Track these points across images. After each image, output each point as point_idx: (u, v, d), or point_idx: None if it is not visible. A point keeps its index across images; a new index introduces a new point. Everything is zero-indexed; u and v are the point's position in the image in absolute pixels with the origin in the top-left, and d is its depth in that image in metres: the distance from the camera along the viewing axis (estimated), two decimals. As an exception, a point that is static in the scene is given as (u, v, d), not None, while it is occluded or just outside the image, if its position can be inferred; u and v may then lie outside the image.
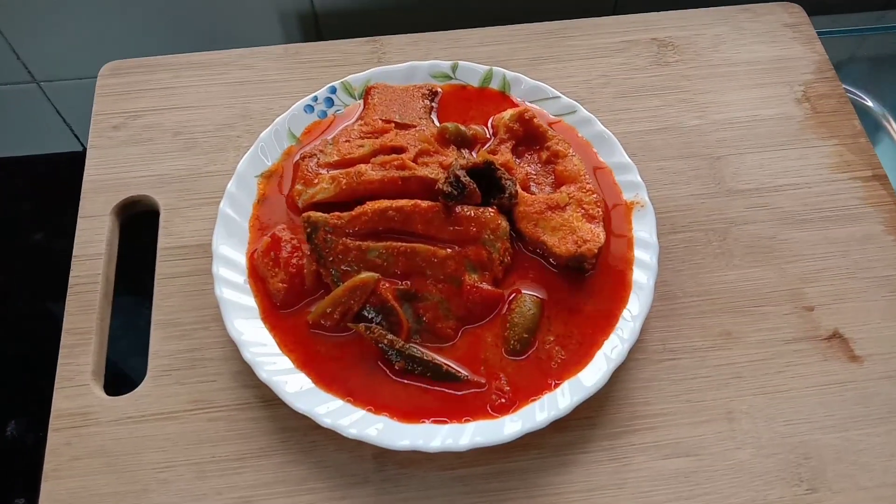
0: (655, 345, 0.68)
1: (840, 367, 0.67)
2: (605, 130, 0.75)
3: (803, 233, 0.74)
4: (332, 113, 0.77)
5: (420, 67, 0.79)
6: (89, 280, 0.70)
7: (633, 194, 0.71)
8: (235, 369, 0.66)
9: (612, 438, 0.63)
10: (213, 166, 0.77)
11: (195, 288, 0.70)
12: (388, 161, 0.69)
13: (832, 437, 0.64)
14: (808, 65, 0.86)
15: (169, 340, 0.67)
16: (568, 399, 0.61)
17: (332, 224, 0.65)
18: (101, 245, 0.72)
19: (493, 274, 0.66)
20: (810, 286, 0.71)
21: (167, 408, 0.64)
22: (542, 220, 0.68)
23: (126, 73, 0.84)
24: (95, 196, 0.75)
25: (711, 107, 0.82)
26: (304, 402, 0.60)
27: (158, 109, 0.81)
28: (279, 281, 0.65)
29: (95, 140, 0.79)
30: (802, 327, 0.69)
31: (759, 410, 0.65)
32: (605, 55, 0.86)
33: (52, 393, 0.65)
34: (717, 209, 0.75)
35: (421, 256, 0.65)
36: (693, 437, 0.63)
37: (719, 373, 0.66)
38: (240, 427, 0.63)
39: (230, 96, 0.82)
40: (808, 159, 0.79)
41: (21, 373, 1.24)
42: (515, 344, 0.64)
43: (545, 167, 0.73)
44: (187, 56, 0.85)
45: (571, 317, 0.66)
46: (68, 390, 0.65)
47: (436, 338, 0.64)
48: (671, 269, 0.72)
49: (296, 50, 0.86)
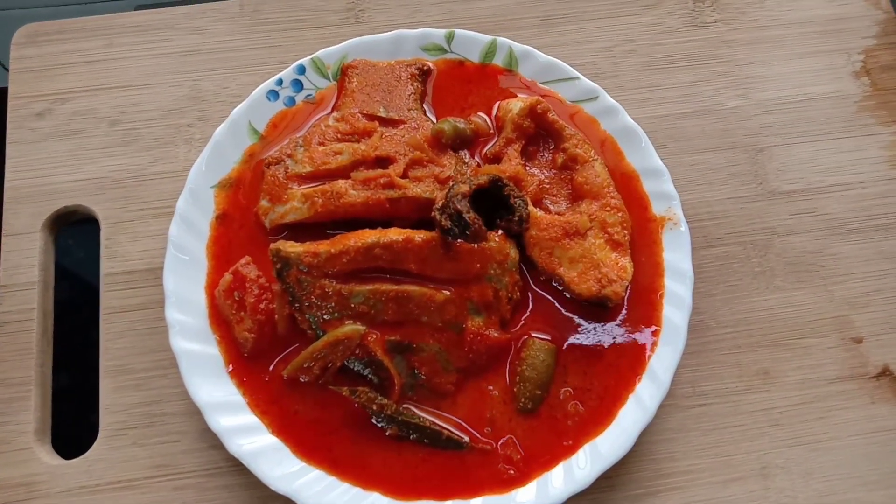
0: (684, 388, 0.60)
1: (888, 412, 0.59)
2: (633, 125, 0.62)
3: (854, 245, 0.64)
4: (300, 100, 0.64)
5: (407, 38, 0.65)
6: (23, 317, 0.60)
7: (664, 207, 0.60)
8: (202, 426, 0.56)
9: (634, 501, 0.56)
10: (160, 166, 0.65)
11: (148, 325, 0.60)
12: (372, 178, 0.57)
13: (876, 494, 0.57)
14: (870, 26, 0.72)
15: (122, 391, 0.58)
16: (587, 470, 0.53)
17: (307, 263, 0.54)
18: (33, 271, 0.61)
19: (500, 314, 0.57)
20: (860, 312, 0.62)
21: (126, 474, 0.56)
22: (558, 249, 0.57)
23: (47, 41, 0.68)
24: (21, 208, 0.63)
25: (755, 82, 0.69)
26: (283, 482, 0.52)
27: (90, 89, 0.67)
28: (245, 329, 0.55)
29: (15, 133, 0.65)
30: (849, 363, 0.61)
31: (796, 465, 0.58)
32: (631, 13, 0.71)
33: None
34: (758, 216, 0.65)
35: (415, 301, 0.54)
36: (722, 497, 0.57)
37: (754, 420, 0.59)
38: (211, 497, 0.56)
39: (176, 70, 0.68)
40: (864, 151, 0.67)
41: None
42: (526, 402, 0.55)
43: (561, 173, 0.61)
44: (121, 16, 0.69)
45: (591, 365, 0.57)
46: (8, 456, 0.56)
47: (434, 394, 0.55)
48: (704, 292, 0.62)
49: (254, 7, 0.70)
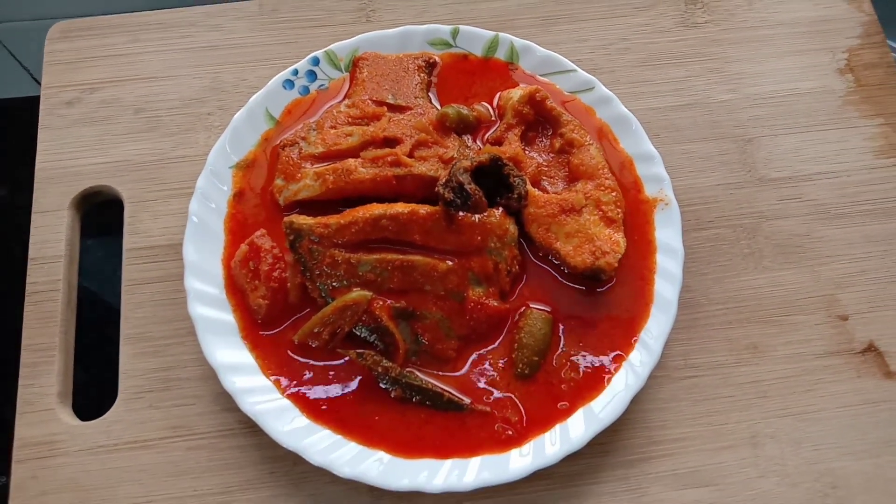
0: (676, 360, 0.62)
1: (874, 385, 0.62)
2: (626, 113, 0.66)
3: (839, 229, 0.67)
4: (314, 89, 0.68)
5: (415, 33, 0.69)
6: (49, 287, 0.63)
7: (656, 189, 0.64)
8: (216, 390, 0.60)
9: (627, 467, 0.59)
10: (181, 150, 0.68)
11: (167, 296, 0.63)
12: (380, 156, 0.61)
13: (863, 463, 0.59)
14: (853, 27, 0.76)
15: (141, 357, 0.61)
16: (581, 430, 0.56)
17: (319, 233, 0.58)
18: (59, 245, 0.65)
19: (500, 286, 0.60)
20: (845, 291, 0.65)
21: (142, 435, 0.59)
22: (554, 224, 0.61)
23: (77, 37, 0.73)
24: (50, 188, 0.67)
25: (744, 78, 0.73)
26: (292, 438, 0.55)
27: (116, 81, 0.71)
28: (260, 296, 0.58)
29: (46, 119, 0.70)
30: (835, 339, 0.63)
31: (784, 434, 0.60)
32: (626, 14, 0.76)
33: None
34: (747, 201, 0.68)
35: (419, 270, 0.58)
36: (714, 464, 0.59)
37: (744, 392, 0.61)
38: (223, 456, 0.58)
39: (197, 64, 0.72)
40: (848, 142, 0.71)
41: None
42: (524, 368, 0.58)
43: (558, 157, 0.65)
44: (146, 15, 0.74)
45: (585, 334, 0.59)
46: (31, 416, 0.59)
47: (436, 360, 0.58)
48: (695, 271, 0.65)
49: (272, 7, 0.75)
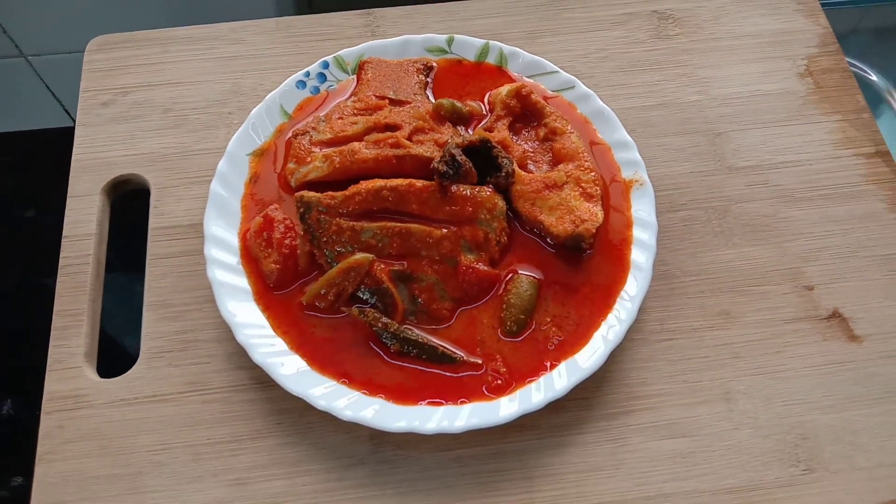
0: (653, 325, 0.67)
1: (839, 348, 0.66)
2: (604, 107, 0.73)
3: (803, 211, 0.73)
4: (324, 89, 0.76)
5: (414, 41, 0.77)
6: (80, 261, 0.69)
7: (631, 172, 0.70)
8: (230, 350, 0.65)
9: (609, 419, 0.63)
10: (204, 144, 0.76)
11: (187, 268, 0.69)
12: (382, 139, 0.68)
13: (830, 417, 0.63)
14: (811, 38, 0.84)
15: (162, 322, 0.67)
16: (564, 380, 0.60)
17: (326, 204, 0.64)
18: (91, 225, 0.71)
19: (490, 254, 0.66)
20: (810, 265, 0.70)
21: (161, 390, 0.64)
22: (539, 199, 0.67)
23: (114, 48, 0.81)
24: (84, 175, 0.74)
25: (712, 82, 0.81)
26: (298, 384, 0.60)
27: (147, 85, 0.79)
28: (272, 262, 0.64)
29: (83, 118, 0.77)
30: (802, 307, 0.68)
31: (756, 391, 0.64)
32: (604, 28, 0.84)
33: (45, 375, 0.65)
34: (717, 187, 0.74)
35: (416, 237, 0.64)
36: (690, 417, 0.63)
37: (717, 353, 0.66)
38: (235, 409, 0.63)
39: (221, 71, 0.80)
40: (810, 136, 0.78)
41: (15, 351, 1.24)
42: (512, 325, 0.63)
43: (543, 144, 0.72)
44: (176, 30, 0.83)
45: (568, 297, 0.65)
46: (60, 373, 0.64)
47: (431, 319, 0.64)
48: (669, 247, 0.71)
49: (287, 23, 0.84)
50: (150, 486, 0.60)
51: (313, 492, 0.60)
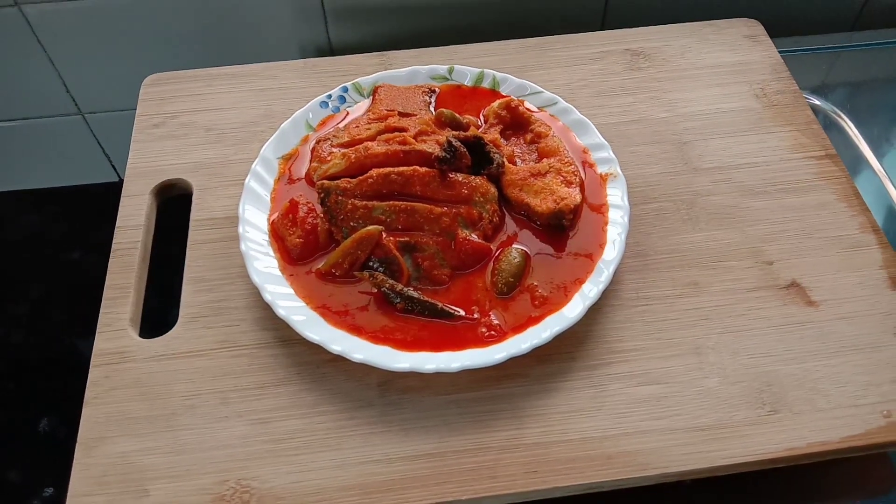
0: (629, 293, 0.76)
1: (798, 311, 0.74)
2: (582, 117, 0.85)
3: (763, 202, 0.83)
4: (344, 108, 0.89)
5: (420, 71, 0.91)
6: (130, 246, 0.80)
7: (607, 167, 0.81)
8: (257, 315, 0.74)
9: (590, 370, 0.70)
10: (240, 155, 0.88)
11: (223, 251, 0.79)
12: (391, 138, 0.80)
13: (792, 367, 0.70)
14: (764, 67, 0.97)
15: (198, 293, 0.76)
16: (549, 330, 0.69)
17: (343, 188, 0.75)
18: (140, 218, 0.83)
19: (483, 232, 0.76)
20: (770, 245, 0.79)
21: (196, 347, 0.73)
22: (525, 186, 0.78)
23: (165, 83, 0.96)
24: (137, 180, 0.86)
25: (679, 102, 0.93)
26: (315, 332, 0.68)
27: (193, 111, 0.93)
28: (296, 237, 0.75)
29: (138, 136, 0.91)
30: (763, 278, 0.77)
31: (724, 346, 0.72)
32: (584, 63, 0.98)
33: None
34: (684, 184, 0.85)
35: (419, 213, 0.74)
36: (663, 368, 0.70)
37: (688, 316, 0.74)
38: (260, 362, 0.71)
39: (256, 100, 0.94)
40: (766, 143, 0.88)
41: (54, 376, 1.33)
42: (503, 286, 0.72)
43: (529, 146, 0.83)
44: (219, 69, 0.98)
45: (553, 266, 0.74)
46: (108, 334, 0.74)
47: (432, 283, 0.73)
48: (643, 232, 0.80)
49: (314, 63, 0.99)
50: (183, 423, 0.68)
51: (327, 429, 0.67)
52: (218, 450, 0.66)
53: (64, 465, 0.71)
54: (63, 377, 1.27)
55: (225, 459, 0.66)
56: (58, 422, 1.28)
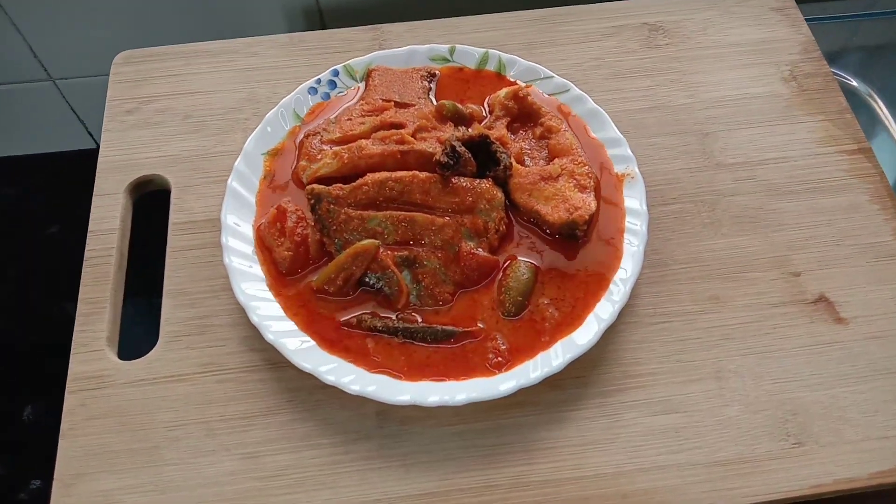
0: (646, 309, 0.70)
1: (826, 329, 0.69)
2: (596, 107, 0.78)
3: (790, 203, 0.77)
4: (334, 95, 0.81)
5: (419, 51, 0.83)
6: (104, 254, 0.74)
7: (623, 167, 0.74)
8: (244, 334, 0.69)
9: (604, 396, 0.66)
10: (222, 147, 0.81)
11: (205, 260, 0.73)
12: (387, 136, 0.72)
13: (818, 394, 0.66)
14: (794, 46, 0.88)
15: (180, 308, 0.71)
16: (561, 357, 0.63)
17: (335, 195, 0.68)
18: (115, 221, 0.76)
19: (489, 243, 0.69)
20: (797, 253, 0.73)
21: (178, 371, 0.67)
22: (535, 191, 0.71)
23: (139, 62, 0.87)
24: (109, 175, 0.79)
25: (701, 86, 0.85)
26: (307, 360, 0.63)
27: (169, 95, 0.85)
28: (285, 249, 0.69)
29: (109, 124, 0.83)
30: (789, 292, 0.71)
31: (747, 370, 0.67)
32: (597, 39, 0.89)
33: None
34: (706, 182, 0.78)
35: (419, 225, 0.68)
36: (682, 394, 0.66)
37: (709, 334, 0.69)
38: (248, 388, 0.66)
39: (238, 82, 0.86)
40: (795, 134, 0.81)
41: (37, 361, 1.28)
42: (510, 307, 0.66)
43: (539, 142, 0.76)
44: (197, 45, 0.89)
45: (564, 281, 0.68)
46: (84, 355, 0.68)
47: (434, 301, 0.67)
48: (661, 238, 0.74)
49: (300, 38, 0.90)
50: (167, 458, 0.63)
51: (321, 464, 0.63)
52: (205, 487, 0.62)
53: (51, 455, 0.66)
54: (45, 362, 1.22)
55: (212, 499, 0.61)
56: (43, 410, 1.24)
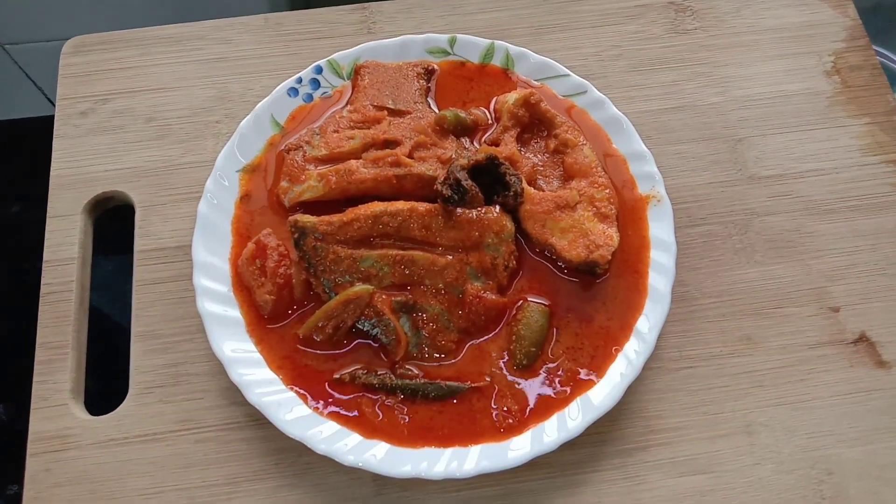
0: (671, 352, 0.64)
1: (866, 374, 0.63)
2: (618, 114, 0.68)
3: (829, 224, 0.69)
4: (318, 96, 0.70)
5: (414, 42, 0.72)
6: (62, 288, 0.65)
7: (649, 187, 0.66)
8: (223, 385, 0.61)
9: (625, 456, 0.60)
10: (190, 157, 0.71)
11: (177, 295, 0.65)
12: (381, 157, 0.63)
13: (856, 450, 0.60)
14: (838, 31, 0.78)
15: (151, 354, 0.63)
16: (578, 419, 0.57)
17: (322, 230, 0.60)
18: (73, 248, 0.67)
19: (498, 281, 0.61)
20: (836, 284, 0.66)
21: (152, 428, 0.61)
22: (550, 221, 0.63)
23: (91, 51, 0.76)
24: (64, 193, 0.69)
25: (733, 81, 0.75)
26: (297, 427, 0.56)
27: (128, 92, 0.74)
28: (266, 292, 0.60)
29: (61, 129, 0.73)
30: (827, 330, 0.65)
31: (779, 423, 0.61)
32: (617, 22, 0.78)
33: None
34: (738, 198, 0.70)
35: (419, 265, 0.60)
36: (710, 452, 0.60)
37: (738, 382, 0.63)
38: (230, 449, 0.60)
39: (206, 75, 0.75)
40: (836, 140, 0.73)
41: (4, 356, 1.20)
42: (522, 359, 0.59)
43: (553, 157, 0.67)
44: (156, 29, 0.77)
45: (582, 327, 0.61)
46: (45, 411, 0.61)
47: (437, 352, 0.60)
48: (688, 266, 0.67)
49: (277, 20, 0.78)
50: (144, 533, 0.57)
51: (314, 537, 0.57)
52: (187, 568, 0.56)
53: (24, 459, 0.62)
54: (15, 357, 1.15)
55: (196, 580, 0.56)
56: (15, 410, 1.17)
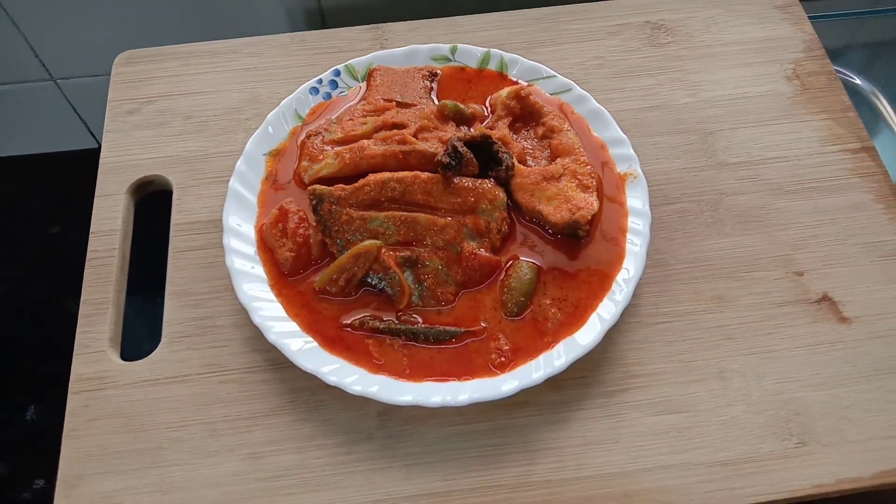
0: (649, 309, 0.70)
1: (829, 329, 0.69)
2: (598, 107, 0.77)
3: (793, 202, 0.76)
4: (335, 95, 0.81)
5: (420, 50, 0.83)
6: (106, 255, 0.74)
7: (626, 166, 0.74)
8: (246, 335, 0.69)
9: (607, 397, 0.66)
10: (223, 147, 0.81)
11: (207, 260, 0.73)
12: (389, 136, 0.72)
13: (821, 394, 0.66)
14: (797, 44, 0.88)
15: (182, 309, 0.71)
16: (563, 358, 0.63)
17: (336, 196, 0.68)
18: (116, 222, 0.76)
19: (492, 242, 0.69)
20: (800, 252, 0.73)
21: (181, 371, 0.67)
22: (537, 191, 0.71)
23: (139, 62, 0.87)
24: (111, 177, 0.79)
25: (703, 85, 0.85)
26: (310, 361, 0.63)
27: (170, 95, 0.85)
28: (287, 250, 0.68)
29: (110, 125, 0.83)
30: (793, 291, 0.71)
31: (749, 369, 0.67)
32: (599, 38, 0.89)
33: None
34: (709, 181, 0.78)
35: (421, 225, 0.68)
36: (685, 394, 0.66)
37: (711, 335, 0.69)
38: (250, 389, 0.66)
39: (239, 82, 0.86)
40: (798, 133, 0.81)
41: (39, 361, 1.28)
42: (513, 307, 0.66)
43: (541, 142, 0.76)
44: (197, 45, 0.89)
45: (567, 281, 0.68)
46: (86, 356, 0.68)
47: (436, 302, 0.67)
48: (664, 237, 0.74)
49: (301, 38, 0.90)
50: (170, 459, 0.63)
51: (324, 465, 0.63)
52: (209, 489, 0.62)
53: (54, 455, 0.66)
54: (49, 362, 1.23)
55: (217, 499, 0.61)
56: (45, 409, 1.24)
